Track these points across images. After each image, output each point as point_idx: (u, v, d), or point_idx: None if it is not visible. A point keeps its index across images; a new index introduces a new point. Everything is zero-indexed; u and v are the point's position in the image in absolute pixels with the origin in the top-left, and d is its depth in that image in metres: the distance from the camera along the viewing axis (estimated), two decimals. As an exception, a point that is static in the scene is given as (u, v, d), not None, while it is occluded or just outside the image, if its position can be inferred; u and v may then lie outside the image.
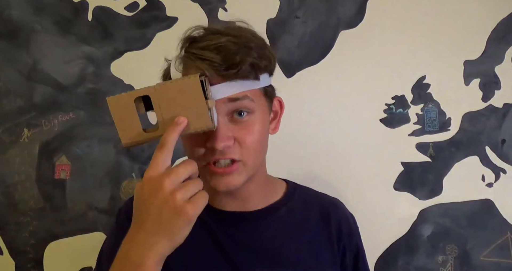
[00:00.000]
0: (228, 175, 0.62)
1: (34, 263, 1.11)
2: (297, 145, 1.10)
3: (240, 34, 0.62)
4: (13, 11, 1.14)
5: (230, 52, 0.58)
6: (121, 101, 0.55)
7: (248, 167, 0.64)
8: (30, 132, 1.13)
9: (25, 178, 1.12)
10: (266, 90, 0.66)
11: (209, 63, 0.57)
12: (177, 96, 0.54)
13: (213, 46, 0.59)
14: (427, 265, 1.08)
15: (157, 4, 1.14)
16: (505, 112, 1.09)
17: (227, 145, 0.60)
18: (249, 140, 0.62)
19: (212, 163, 0.62)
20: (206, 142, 0.60)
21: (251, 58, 0.59)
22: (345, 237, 0.75)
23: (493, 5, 1.09)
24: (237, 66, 0.58)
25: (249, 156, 0.63)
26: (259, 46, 0.62)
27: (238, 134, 0.61)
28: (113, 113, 0.56)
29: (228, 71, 0.58)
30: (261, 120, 0.64)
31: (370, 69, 1.11)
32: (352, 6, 1.12)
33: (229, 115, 0.61)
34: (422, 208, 1.09)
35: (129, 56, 1.13)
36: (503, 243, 1.07)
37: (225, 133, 0.60)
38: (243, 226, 0.71)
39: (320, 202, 0.78)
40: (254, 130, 0.63)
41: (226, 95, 0.59)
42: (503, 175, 1.08)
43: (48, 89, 1.14)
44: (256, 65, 0.60)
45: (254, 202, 0.73)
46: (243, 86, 0.60)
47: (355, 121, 1.11)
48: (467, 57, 1.10)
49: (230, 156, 0.61)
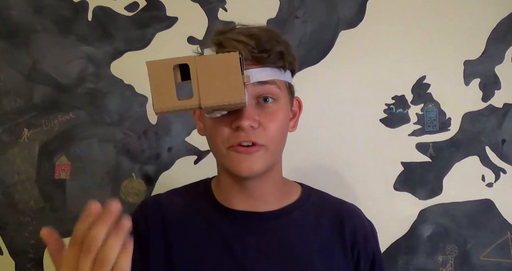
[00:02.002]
0: (251, 156, 0.64)
1: (34, 263, 1.11)
2: (297, 145, 1.10)
3: (270, 29, 0.70)
4: (13, 11, 1.14)
5: (262, 40, 0.64)
6: (160, 66, 0.55)
7: (269, 153, 0.65)
8: (30, 133, 1.13)
9: (25, 178, 1.12)
10: (290, 86, 0.71)
11: (244, 45, 0.62)
12: (216, 69, 0.55)
13: (247, 33, 0.64)
14: (427, 265, 1.08)
15: (157, 4, 1.14)
16: (505, 112, 1.09)
17: (252, 124, 0.62)
18: (273, 126, 0.65)
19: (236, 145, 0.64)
20: (232, 123, 0.63)
21: (280, 47, 0.65)
22: (360, 243, 0.73)
23: (493, 5, 1.09)
24: (268, 52, 0.63)
25: (272, 141, 0.65)
26: (286, 42, 0.69)
27: (263, 120, 0.64)
28: (150, 77, 0.55)
29: (260, 55, 0.63)
30: (284, 110, 0.68)
31: (370, 69, 1.11)
32: (352, 6, 1.12)
33: (255, 99, 0.65)
34: (422, 208, 1.09)
35: (129, 56, 1.13)
36: (503, 243, 1.07)
37: (251, 112, 0.63)
38: (253, 227, 0.70)
39: (335, 207, 0.77)
40: (278, 117, 0.66)
41: (258, 79, 0.63)
42: (503, 175, 1.08)
43: (48, 89, 1.14)
44: (284, 55, 0.66)
45: (267, 202, 0.72)
46: (272, 74, 0.65)
47: (355, 121, 1.11)
48: (467, 57, 1.10)
49: (254, 139, 0.63)
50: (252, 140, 0.63)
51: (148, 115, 1.13)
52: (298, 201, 0.75)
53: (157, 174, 1.12)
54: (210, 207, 0.72)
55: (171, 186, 0.84)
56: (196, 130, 1.11)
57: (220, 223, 0.70)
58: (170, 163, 1.12)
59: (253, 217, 0.70)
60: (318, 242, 0.71)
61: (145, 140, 1.12)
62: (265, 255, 0.68)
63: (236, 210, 0.71)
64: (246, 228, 0.70)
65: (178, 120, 1.12)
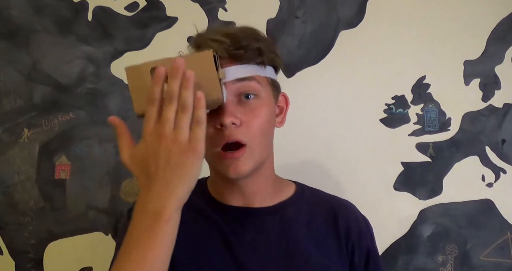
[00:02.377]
0: (237, 160, 0.64)
1: (34, 263, 1.11)
2: (297, 145, 1.10)
3: (248, 28, 0.70)
4: (13, 11, 1.14)
5: (239, 37, 0.65)
6: (138, 71, 0.58)
7: (255, 152, 0.66)
8: (30, 133, 1.13)
9: (25, 178, 1.12)
10: (273, 81, 0.71)
11: (219, 43, 0.63)
12: (192, 68, 0.56)
13: (223, 32, 0.66)
14: (427, 265, 1.08)
15: (157, 4, 1.14)
16: (505, 112, 1.09)
17: (234, 121, 0.63)
18: (256, 123, 0.65)
19: (222, 149, 0.64)
20: (215, 123, 0.64)
21: (257, 44, 0.65)
22: (354, 238, 0.74)
23: (493, 5, 1.09)
24: (244, 48, 0.64)
25: (255, 139, 0.65)
26: (265, 39, 0.70)
27: (245, 118, 0.65)
28: (129, 82, 0.58)
29: (236, 51, 0.63)
30: (267, 106, 0.68)
31: (370, 69, 1.11)
32: (352, 6, 1.12)
33: (237, 97, 0.65)
34: (422, 208, 1.09)
35: (129, 56, 1.13)
36: (503, 243, 1.07)
37: (232, 109, 0.63)
38: (250, 223, 0.71)
39: (329, 203, 0.78)
40: (260, 114, 0.66)
41: (236, 77, 0.64)
42: (503, 175, 1.08)
43: (48, 89, 1.14)
44: (262, 51, 0.66)
45: (261, 199, 0.73)
46: (251, 70, 0.65)
47: (355, 122, 1.11)
48: (467, 57, 1.10)
49: (237, 137, 0.64)
50: (236, 138, 0.63)
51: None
52: (292, 198, 0.76)
53: (157, 174, 1.12)
54: (207, 204, 0.74)
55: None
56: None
57: (217, 220, 0.71)
58: (170, 163, 1.12)
59: (248, 213, 0.72)
60: (313, 238, 0.72)
61: (145, 140, 1.12)
62: (261, 250, 0.69)
63: (232, 206, 0.72)
64: (243, 224, 0.71)
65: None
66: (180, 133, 0.53)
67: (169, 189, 0.53)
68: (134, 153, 0.58)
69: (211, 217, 0.72)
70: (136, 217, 0.55)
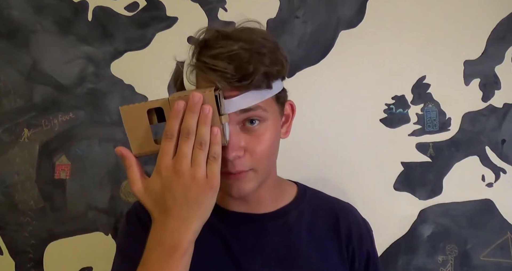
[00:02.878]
0: (240, 181, 0.62)
1: (34, 263, 1.11)
2: (297, 145, 1.10)
3: (252, 39, 0.60)
4: (13, 11, 1.14)
5: (243, 62, 0.57)
6: (134, 111, 0.56)
7: (259, 173, 0.64)
8: (30, 133, 1.13)
9: (25, 178, 1.12)
10: (279, 97, 0.65)
11: (221, 74, 0.56)
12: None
13: (225, 55, 0.57)
14: (427, 265, 1.08)
15: (157, 4, 1.13)
16: (505, 112, 1.09)
17: (238, 155, 0.60)
18: (260, 149, 0.62)
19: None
20: None
21: (264, 67, 0.58)
22: (355, 241, 0.74)
23: (493, 5, 1.09)
24: (250, 77, 0.57)
25: (260, 163, 0.63)
26: (271, 50, 0.61)
27: (249, 144, 0.61)
28: (125, 122, 0.56)
29: (241, 83, 0.57)
30: (272, 128, 0.64)
31: (370, 69, 1.11)
32: (352, 6, 1.12)
33: (240, 124, 0.61)
34: (422, 208, 1.09)
35: (129, 56, 1.13)
36: (503, 243, 1.07)
37: (236, 143, 0.60)
38: (252, 228, 0.71)
39: (330, 205, 0.78)
40: (265, 139, 0.62)
41: (240, 108, 0.59)
42: (503, 175, 1.08)
43: (48, 89, 1.14)
44: (269, 73, 0.60)
45: (264, 205, 0.73)
46: (256, 98, 0.60)
47: (355, 121, 1.11)
48: (467, 57, 1.10)
49: (240, 168, 0.61)
50: (239, 169, 0.61)
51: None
52: (294, 201, 0.76)
53: (157, 174, 1.12)
54: None
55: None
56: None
57: (219, 225, 0.71)
58: (170, 163, 1.12)
59: (251, 218, 0.72)
60: (315, 241, 0.72)
61: (145, 140, 1.12)
62: (263, 256, 0.69)
63: (234, 212, 0.72)
64: (245, 229, 0.71)
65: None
66: (198, 170, 0.53)
67: (186, 224, 0.54)
68: (148, 186, 0.56)
69: (213, 223, 0.70)
70: (151, 250, 0.55)
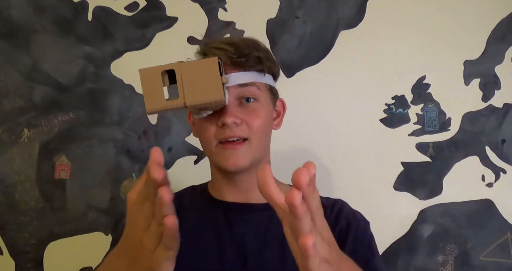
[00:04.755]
0: (237, 152, 0.69)
1: (34, 263, 1.11)
2: (297, 145, 1.10)
3: (250, 39, 0.76)
4: (13, 11, 1.14)
5: (241, 47, 0.71)
6: (151, 73, 0.63)
7: (253, 146, 0.71)
8: (30, 132, 1.13)
9: (25, 178, 1.12)
10: (271, 88, 0.76)
11: (224, 51, 0.69)
12: (198, 73, 0.63)
13: (226, 42, 0.72)
14: (427, 265, 1.08)
15: (157, 4, 1.13)
16: (505, 112, 1.09)
17: (235, 121, 0.68)
18: (256, 122, 0.71)
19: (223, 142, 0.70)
20: (217, 121, 0.69)
21: (257, 53, 0.72)
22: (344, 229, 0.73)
23: (493, 5, 1.09)
24: (246, 56, 0.70)
25: (255, 134, 0.71)
26: (265, 49, 0.76)
27: (246, 118, 0.70)
28: (142, 82, 0.63)
29: (239, 59, 0.70)
30: (266, 109, 0.74)
31: (370, 69, 1.11)
32: (352, 6, 1.12)
33: (238, 100, 0.71)
34: (422, 208, 1.09)
35: (129, 56, 1.13)
36: (503, 243, 1.07)
37: (234, 110, 0.69)
38: (243, 217, 0.74)
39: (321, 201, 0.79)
40: (260, 114, 0.72)
41: (238, 82, 0.69)
42: (503, 175, 1.08)
43: (48, 89, 1.14)
44: (262, 59, 0.72)
45: (256, 195, 0.73)
46: (251, 77, 0.71)
47: (355, 121, 1.11)
48: (467, 57, 1.10)
49: (239, 134, 0.69)
50: (236, 135, 0.69)
51: (148, 115, 1.12)
52: None
53: (157, 174, 1.12)
54: (205, 202, 0.78)
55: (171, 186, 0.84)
56: (196, 131, 1.12)
57: (212, 215, 0.75)
58: (170, 163, 1.12)
59: (243, 208, 0.75)
60: None
61: (145, 140, 1.12)
62: (252, 243, 0.71)
63: (227, 202, 0.76)
64: (235, 218, 0.74)
65: (178, 121, 1.12)
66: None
67: None
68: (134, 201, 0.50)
69: (207, 213, 0.75)
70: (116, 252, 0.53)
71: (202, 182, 0.83)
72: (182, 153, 1.12)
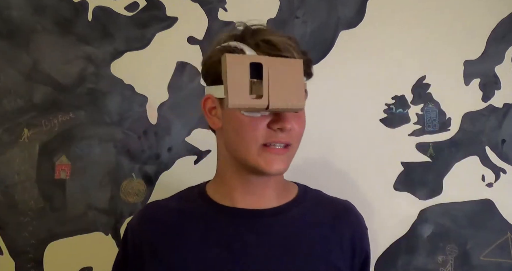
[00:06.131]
0: (281, 156, 0.68)
1: (34, 263, 1.11)
2: (297, 145, 1.10)
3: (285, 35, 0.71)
4: (13, 11, 1.14)
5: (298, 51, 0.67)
6: (239, 62, 0.56)
7: (293, 152, 0.71)
8: (30, 132, 1.13)
9: (25, 178, 1.12)
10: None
11: (291, 47, 0.65)
12: (283, 73, 0.57)
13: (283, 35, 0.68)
14: (427, 265, 1.08)
15: (157, 4, 1.13)
16: (505, 112, 1.09)
17: (292, 127, 0.67)
18: (299, 128, 0.70)
19: (267, 145, 0.67)
20: (270, 124, 0.66)
21: (307, 58, 0.70)
22: (357, 240, 0.76)
23: (493, 5, 1.09)
24: (306, 54, 0.69)
25: (297, 142, 0.71)
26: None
27: (294, 123, 0.68)
28: (229, 71, 0.55)
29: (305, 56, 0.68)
30: (305, 114, 0.73)
31: (370, 69, 1.11)
32: (352, 6, 1.12)
33: None
34: (422, 208, 1.09)
35: (129, 56, 1.13)
36: (503, 243, 1.07)
37: (291, 116, 0.67)
38: (253, 224, 0.72)
39: (331, 205, 0.79)
40: (304, 121, 0.72)
41: None
42: (503, 175, 1.08)
43: (48, 89, 1.14)
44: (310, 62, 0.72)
45: (268, 199, 0.74)
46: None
47: (355, 121, 1.11)
48: (467, 57, 1.10)
49: (289, 140, 0.68)
50: (287, 141, 0.68)
51: (148, 115, 1.12)
52: (296, 199, 0.77)
53: (157, 174, 1.12)
54: (206, 208, 0.74)
55: (171, 186, 0.84)
56: (196, 131, 1.11)
57: (218, 222, 0.72)
58: (170, 163, 1.12)
59: (252, 214, 0.72)
60: (316, 239, 0.73)
61: (145, 140, 1.12)
62: (264, 251, 0.69)
63: (235, 208, 0.72)
64: (246, 225, 0.71)
65: (178, 120, 1.12)
66: None
67: None
68: None
69: (210, 221, 0.72)
70: None
71: (202, 182, 0.82)
72: (182, 153, 1.12)
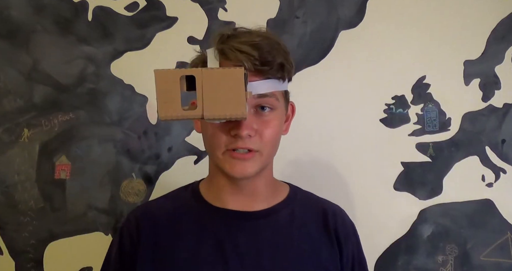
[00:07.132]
0: (245, 161, 0.67)
1: (34, 263, 1.11)
2: (297, 145, 1.10)
3: (271, 37, 0.69)
4: (13, 11, 1.14)
5: (264, 50, 0.65)
6: (168, 76, 0.57)
7: (263, 157, 0.69)
8: (30, 132, 1.13)
9: (25, 178, 1.12)
10: (286, 93, 0.74)
11: (247, 56, 0.64)
12: (220, 83, 0.57)
13: (250, 43, 0.65)
14: (427, 265, 1.08)
15: (157, 4, 1.13)
16: (505, 112, 1.09)
17: (250, 133, 0.66)
18: (268, 133, 0.69)
19: (232, 150, 0.67)
20: (230, 130, 0.66)
21: (280, 59, 0.67)
22: (342, 240, 0.76)
23: (493, 5, 1.09)
24: (270, 64, 0.66)
25: (266, 146, 0.69)
26: (286, 51, 0.70)
27: (260, 127, 0.68)
28: (157, 85, 0.57)
29: (262, 67, 0.65)
30: (279, 118, 0.71)
31: (370, 69, 1.11)
32: (352, 6, 1.12)
33: (254, 108, 0.68)
34: (422, 208, 1.09)
35: (129, 56, 1.13)
36: (503, 243, 1.07)
37: (250, 123, 0.66)
38: (244, 225, 0.72)
39: (321, 207, 0.79)
40: (273, 125, 0.69)
41: (259, 92, 0.66)
42: (503, 175, 1.08)
43: (48, 89, 1.14)
44: (285, 66, 0.68)
45: (258, 200, 0.74)
46: (273, 86, 0.68)
47: (355, 121, 1.11)
48: (467, 57, 1.10)
49: (250, 146, 0.67)
50: (248, 147, 0.67)
51: (148, 115, 1.13)
52: (286, 200, 0.77)
53: (157, 174, 1.12)
54: (200, 208, 0.75)
55: (171, 186, 0.84)
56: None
57: (211, 223, 0.72)
58: (170, 163, 1.12)
59: (243, 215, 0.73)
60: (305, 239, 0.74)
61: (145, 140, 1.12)
62: (255, 252, 0.70)
63: (227, 209, 0.73)
64: (237, 226, 0.72)
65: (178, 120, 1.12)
66: None
67: None
68: None
69: (204, 221, 0.73)
70: None
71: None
72: (182, 153, 1.12)
